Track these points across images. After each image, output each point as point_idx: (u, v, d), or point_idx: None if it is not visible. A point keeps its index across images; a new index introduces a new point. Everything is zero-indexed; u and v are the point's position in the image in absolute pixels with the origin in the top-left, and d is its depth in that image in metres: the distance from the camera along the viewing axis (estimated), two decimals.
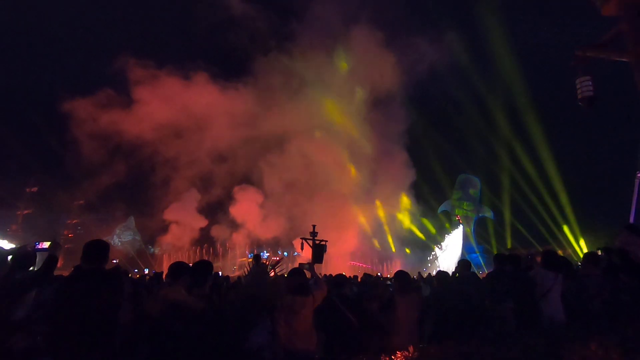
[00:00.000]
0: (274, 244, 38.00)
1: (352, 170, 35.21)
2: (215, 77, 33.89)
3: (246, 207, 33.74)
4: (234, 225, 34.67)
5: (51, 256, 2.94)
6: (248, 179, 35.01)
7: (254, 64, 35.69)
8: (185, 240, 35.53)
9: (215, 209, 36.23)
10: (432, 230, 42.89)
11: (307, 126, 34.24)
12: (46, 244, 3.17)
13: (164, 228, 35.66)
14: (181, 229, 35.09)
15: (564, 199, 33.05)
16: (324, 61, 36.05)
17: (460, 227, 42.07)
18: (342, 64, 37.57)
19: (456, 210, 44.34)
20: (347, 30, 36.37)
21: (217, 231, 36.23)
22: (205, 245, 38.57)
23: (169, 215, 34.73)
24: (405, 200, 38.70)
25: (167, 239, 36.17)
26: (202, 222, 36.11)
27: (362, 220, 34.41)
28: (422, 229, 42.04)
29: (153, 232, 39.31)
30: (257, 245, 37.70)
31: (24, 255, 3.18)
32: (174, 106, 33.38)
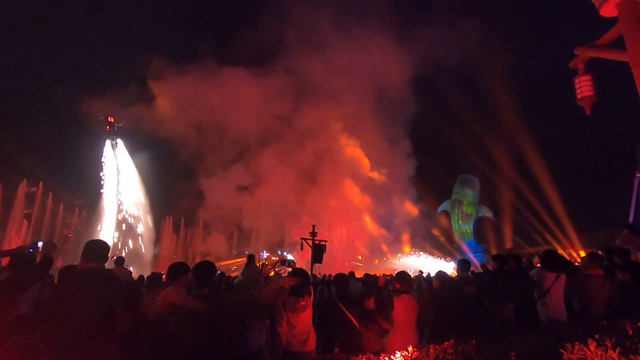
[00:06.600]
0: (273, 244, 38.05)
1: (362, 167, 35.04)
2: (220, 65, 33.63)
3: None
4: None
5: (45, 256, 2.91)
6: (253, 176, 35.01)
7: (265, 53, 35.75)
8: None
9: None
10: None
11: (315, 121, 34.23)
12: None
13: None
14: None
15: (563, 198, 33.15)
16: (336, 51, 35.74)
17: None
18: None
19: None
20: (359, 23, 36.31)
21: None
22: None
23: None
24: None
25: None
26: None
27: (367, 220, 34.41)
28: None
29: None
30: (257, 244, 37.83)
31: (22, 257, 3.13)
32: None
